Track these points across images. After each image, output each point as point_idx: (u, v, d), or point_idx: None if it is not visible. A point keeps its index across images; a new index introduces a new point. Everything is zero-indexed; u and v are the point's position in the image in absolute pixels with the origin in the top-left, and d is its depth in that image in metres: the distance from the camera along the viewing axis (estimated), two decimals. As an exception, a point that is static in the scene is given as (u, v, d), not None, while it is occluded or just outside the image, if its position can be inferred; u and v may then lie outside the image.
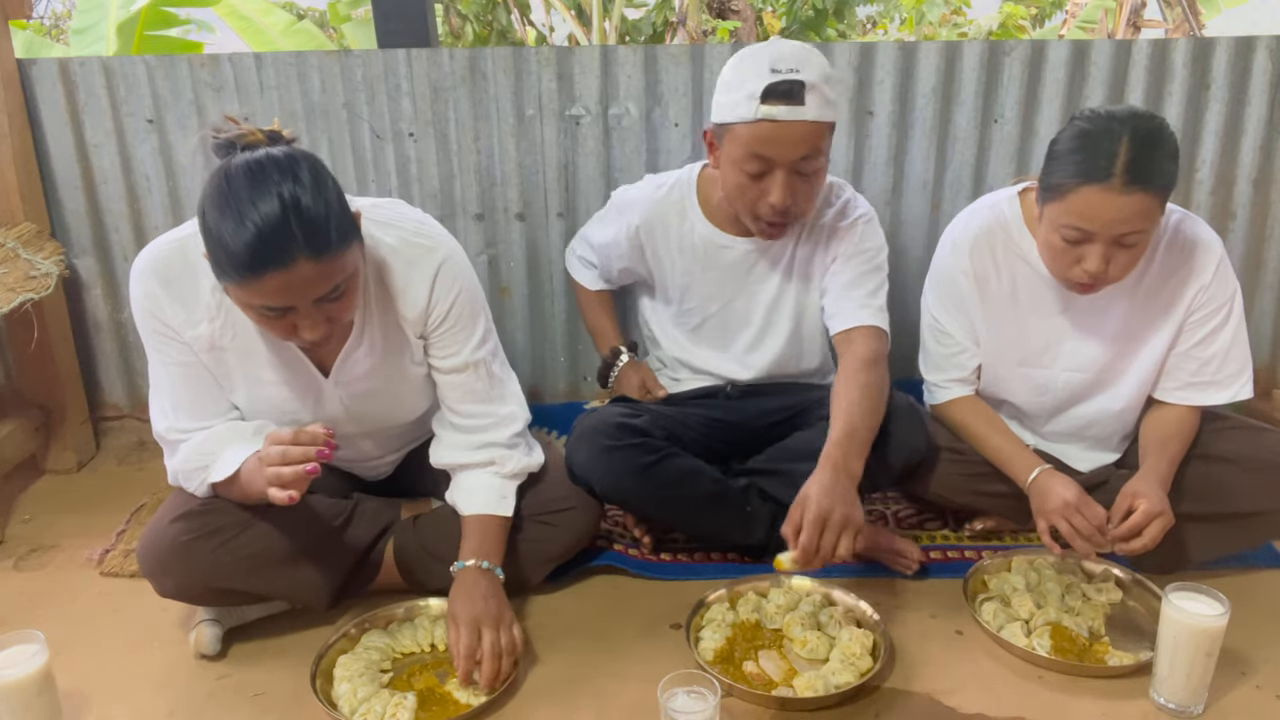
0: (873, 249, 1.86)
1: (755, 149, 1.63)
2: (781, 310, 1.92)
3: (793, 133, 1.61)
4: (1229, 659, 1.52)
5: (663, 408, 1.95)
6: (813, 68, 1.61)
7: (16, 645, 1.36)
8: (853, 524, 1.48)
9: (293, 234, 1.26)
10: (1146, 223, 1.52)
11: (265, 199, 1.26)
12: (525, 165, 2.36)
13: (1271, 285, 2.55)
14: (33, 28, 6.57)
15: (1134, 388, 1.78)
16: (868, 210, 1.88)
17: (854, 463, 1.57)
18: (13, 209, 2.26)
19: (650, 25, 8.13)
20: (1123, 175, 1.48)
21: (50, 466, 2.37)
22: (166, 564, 1.54)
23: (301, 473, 1.33)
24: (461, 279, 1.58)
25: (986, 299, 1.80)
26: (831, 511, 1.47)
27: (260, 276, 1.27)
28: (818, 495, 1.49)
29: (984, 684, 1.53)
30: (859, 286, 1.83)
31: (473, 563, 1.57)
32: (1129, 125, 1.50)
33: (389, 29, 2.35)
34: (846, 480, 1.54)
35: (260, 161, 1.29)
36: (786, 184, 1.65)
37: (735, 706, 1.48)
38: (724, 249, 1.88)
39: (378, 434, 1.74)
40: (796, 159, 1.64)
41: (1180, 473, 1.70)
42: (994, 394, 1.89)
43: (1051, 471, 1.70)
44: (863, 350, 1.76)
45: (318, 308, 1.35)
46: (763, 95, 1.59)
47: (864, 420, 1.63)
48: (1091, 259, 1.55)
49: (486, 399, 1.65)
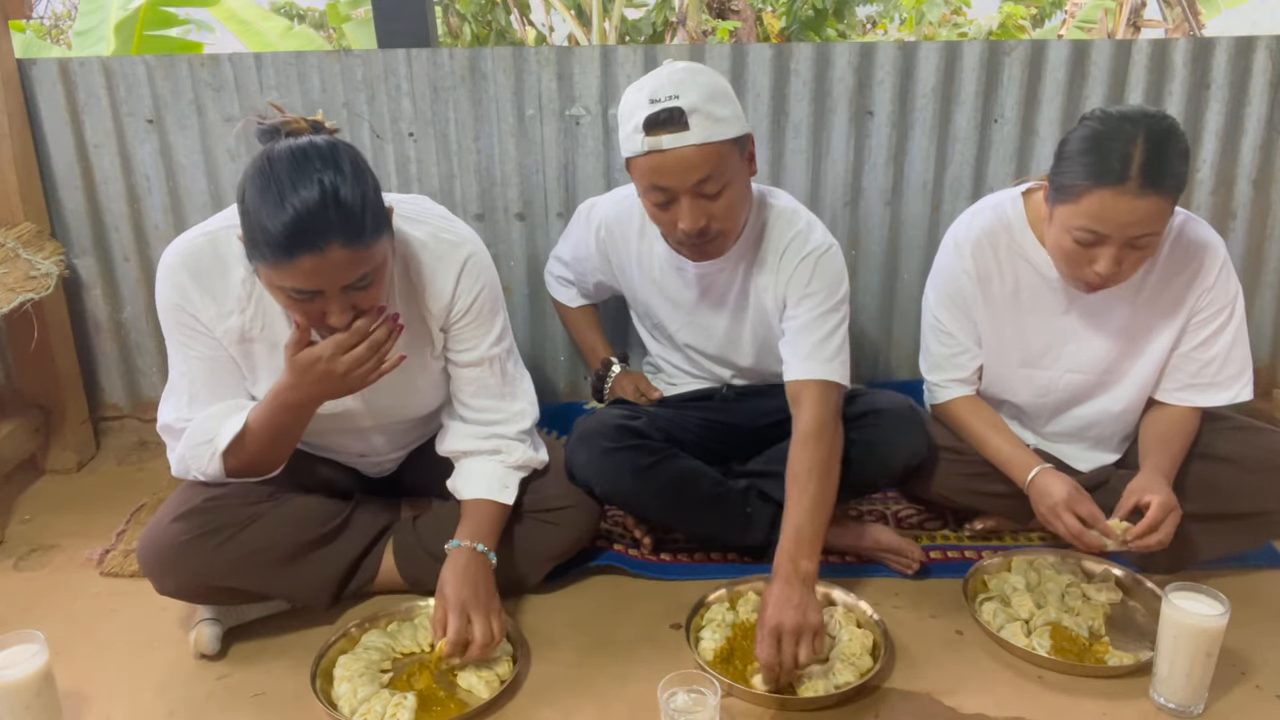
0: (823, 289, 1.75)
1: (652, 180, 1.60)
2: (742, 334, 1.90)
3: (681, 159, 1.56)
4: (1229, 659, 1.52)
5: (661, 410, 1.96)
6: (694, 89, 1.56)
7: (16, 645, 1.36)
8: (807, 629, 1.46)
9: (329, 220, 1.30)
10: (1159, 224, 1.52)
11: (306, 184, 1.29)
12: (525, 165, 2.36)
13: (1271, 285, 2.55)
14: (33, 28, 6.58)
15: (1135, 389, 1.78)
16: (819, 244, 1.76)
17: (805, 564, 1.54)
18: (13, 209, 2.26)
19: (650, 25, 8.13)
20: (1138, 178, 1.47)
21: (50, 466, 2.37)
22: (167, 563, 1.54)
23: (394, 327, 1.43)
24: (485, 275, 1.62)
25: (989, 299, 1.80)
26: (782, 624, 1.46)
27: (294, 259, 1.30)
28: (770, 609, 1.48)
29: (984, 684, 1.53)
30: (810, 334, 1.74)
31: (468, 543, 1.58)
32: (1142, 126, 1.49)
33: (389, 29, 2.35)
34: (799, 585, 1.51)
35: (304, 148, 1.33)
36: (692, 208, 1.61)
37: (735, 706, 1.48)
38: (679, 270, 1.86)
39: (391, 427, 1.74)
40: (693, 183, 1.58)
41: (1181, 473, 1.69)
42: (995, 394, 1.89)
43: (1049, 471, 1.70)
44: (806, 419, 1.67)
45: (345, 295, 1.37)
46: (645, 126, 1.56)
47: (809, 515, 1.59)
48: (1104, 260, 1.54)
49: (499, 395, 1.68)
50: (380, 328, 1.42)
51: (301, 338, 1.41)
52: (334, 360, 1.40)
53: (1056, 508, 1.63)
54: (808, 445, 1.65)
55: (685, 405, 2.00)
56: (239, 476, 1.56)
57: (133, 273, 2.45)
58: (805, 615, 1.47)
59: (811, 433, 1.66)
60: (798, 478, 1.62)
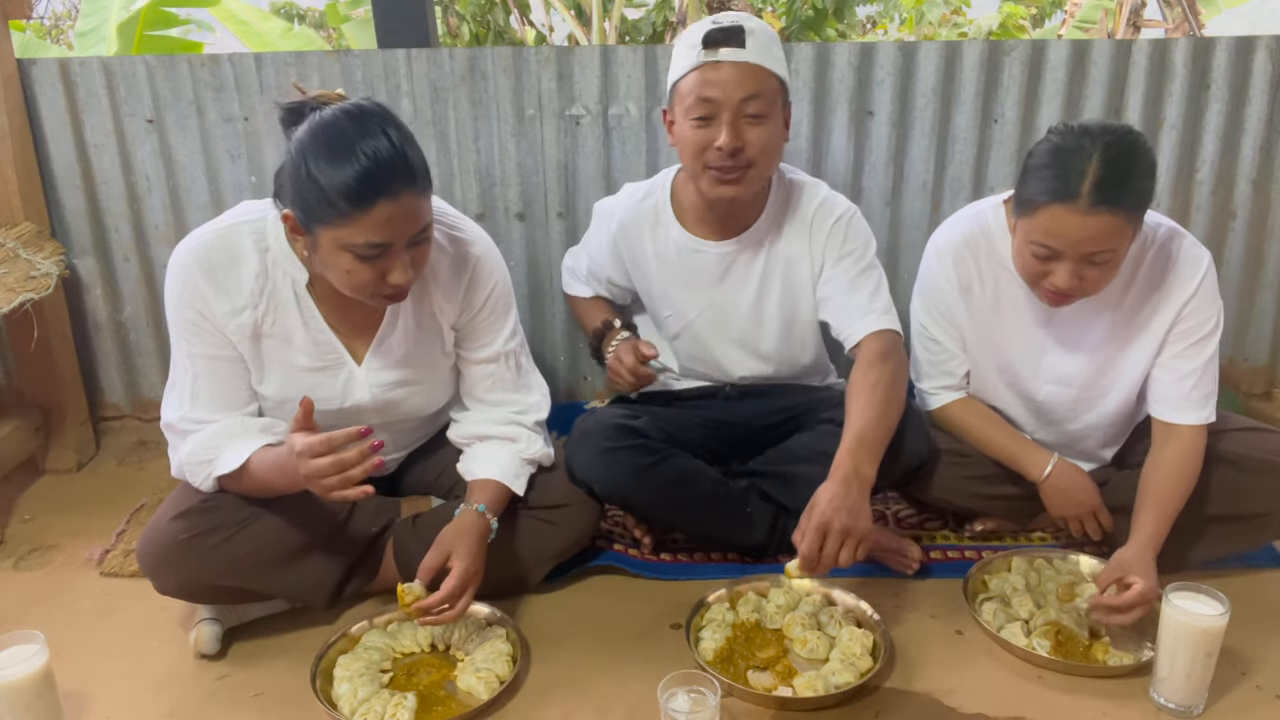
0: (859, 247, 1.84)
1: (700, 92, 1.66)
2: (766, 312, 1.90)
3: (734, 71, 1.65)
4: (1229, 659, 1.52)
5: (662, 409, 1.95)
6: (756, 26, 1.68)
7: (16, 645, 1.36)
8: (855, 533, 1.47)
9: (399, 167, 1.34)
10: (1114, 242, 1.50)
11: (372, 136, 1.33)
12: (525, 165, 2.36)
13: (1271, 285, 2.55)
14: (33, 28, 6.57)
15: (1119, 403, 1.78)
16: (847, 207, 1.85)
17: (865, 468, 1.55)
18: (13, 209, 2.26)
19: (650, 25, 8.14)
20: (1089, 196, 1.46)
21: (50, 466, 2.37)
22: (166, 562, 1.54)
23: (371, 467, 1.36)
24: (497, 273, 1.65)
25: (971, 307, 1.79)
26: (832, 521, 1.46)
27: (371, 207, 1.33)
28: (823, 504, 1.49)
29: (984, 684, 1.53)
30: (857, 291, 1.81)
31: (482, 509, 1.58)
32: (1100, 143, 1.47)
33: (389, 29, 2.36)
34: (857, 489, 1.51)
35: (358, 106, 1.38)
36: (733, 125, 1.66)
37: (735, 706, 1.48)
38: (697, 253, 1.87)
39: (396, 426, 1.75)
40: (740, 98, 1.65)
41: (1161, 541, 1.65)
42: (984, 401, 1.89)
43: (1066, 469, 1.74)
44: (871, 350, 1.74)
45: (408, 251, 1.40)
46: (704, 42, 1.65)
47: (875, 421, 1.61)
48: (1059, 275, 1.54)
49: (514, 388, 1.71)
50: (354, 449, 1.35)
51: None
52: (301, 459, 1.37)
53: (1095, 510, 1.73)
54: (874, 365, 1.70)
55: (687, 404, 2.00)
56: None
57: (133, 273, 2.45)
58: (856, 519, 1.48)
59: (875, 356, 1.72)
60: (861, 391, 1.66)
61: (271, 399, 1.60)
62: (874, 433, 1.59)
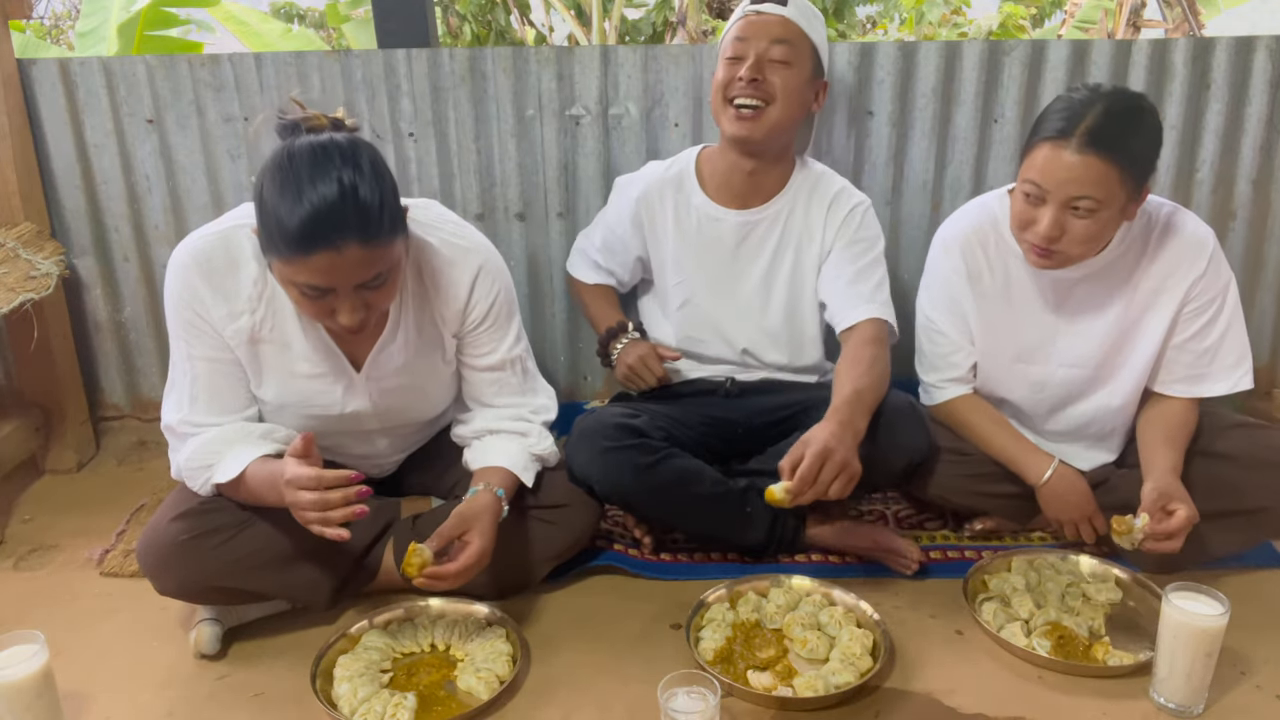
0: (871, 237, 1.93)
1: (735, 34, 1.82)
2: (776, 283, 1.95)
3: (771, 21, 1.79)
4: (1229, 659, 1.52)
5: (662, 407, 1.95)
6: (806, 2, 1.84)
7: (16, 645, 1.36)
8: (850, 469, 1.52)
9: (346, 218, 1.30)
10: (1099, 191, 1.53)
11: (325, 180, 1.30)
12: (525, 165, 2.36)
13: (1271, 285, 2.54)
14: (33, 28, 6.58)
15: (1131, 382, 1.79)
16: (865, 198, 1.95)
17: (859, 420, 1.61)
18: (13, 209, 2.26)
19: (650, 25, 8.14)
20: (1082, 136, 1.52)
21: (50, 466, 2.37)
22: (166, 562, 1.54)
23: (351, 514, 1.36)
24: (500, 280, 1.64)
25: (980, 297, 1.81)
26: (834, 451, 1.52)
27: (309, 254, 1.30)
28: (823, 437, 1.53)
29: (984, 684, 1.53)
30: (863, 281, 1.88)
31: (501, 493, 1.58)
32: (1108, 97, 1.55)
33: (389, 29, 2.35)
34: (851, 434, 1.57)
35: (325, 144, 1.34)
36: (757, 64, 1.78)
37: (735, 706, 1.48)
38: (717, 221, 1.94)
39: (396, 430, 1.75)
40: (771, 40, 1.78)
41: (1181, 471, 1.70)
42: (992, 392, 1.89)
43: (1065, 475, 1.75)
44: (867, 332, 1.82)
45: (357, 294, 1.38)
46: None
47: (869, 385, 1.68)
48: (1043, 221, 1.57)
49: (521, 392, 1.72)
50: (339, 493, 1.36)
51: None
52: (289, 488, 1.37)
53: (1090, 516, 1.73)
54: (869, 344, 1.79)
55: (687, 401, 2.00)
56: None
57: (133, 273, 2.45)
58: (851, 458, 1.53)
59: (869, 339, 1.80)
60: (859, 360, 1.75)
61: (271, 403, 1.59)
62: (869, 395, 1.66)
